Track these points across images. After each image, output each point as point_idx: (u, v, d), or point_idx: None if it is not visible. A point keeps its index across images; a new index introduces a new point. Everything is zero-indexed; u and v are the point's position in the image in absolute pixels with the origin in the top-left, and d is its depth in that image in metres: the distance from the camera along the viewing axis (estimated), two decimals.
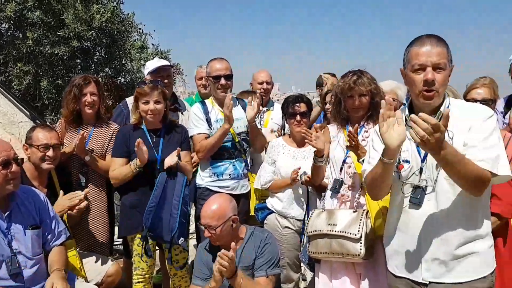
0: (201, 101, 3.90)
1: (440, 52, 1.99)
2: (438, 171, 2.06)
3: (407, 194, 2.14)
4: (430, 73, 1.98)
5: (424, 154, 2.11)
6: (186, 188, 3.24)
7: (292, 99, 3.58)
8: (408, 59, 2.08)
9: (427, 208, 2.09)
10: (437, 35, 2.06)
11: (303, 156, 3.54)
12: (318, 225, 2.94)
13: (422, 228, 2.10)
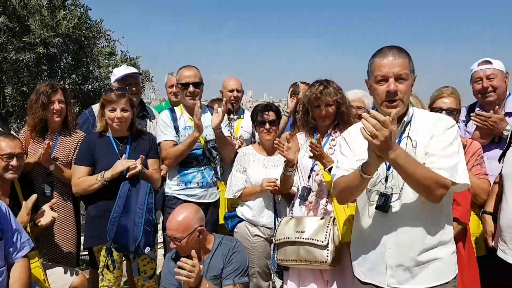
0: (170, 108, 3.87)
1: (401, 63, 2.04)
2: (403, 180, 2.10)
3: (373, 201, 2.18)
4: (392, 84, 2.02)
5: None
6: (150, 196, 3.19)
7: (261, 108, 3.60)
8: (371, 70, 2.12)
9: (392, 215, 2.13)
10: (398, 46, 2.11)
11: (273, 165, 3.56)
12: (286, 233, 2.96)
13: (387, 235, 2.14)
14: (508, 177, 2.59)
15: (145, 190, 3.19)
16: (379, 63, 2.07)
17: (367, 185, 2.15)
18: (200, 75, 3.68)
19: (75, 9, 6.85)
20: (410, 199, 2.10)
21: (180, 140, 3.56)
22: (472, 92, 3.46)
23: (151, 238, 3.20)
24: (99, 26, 7.28)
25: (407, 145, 2.11)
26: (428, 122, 2.15)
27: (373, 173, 2.02)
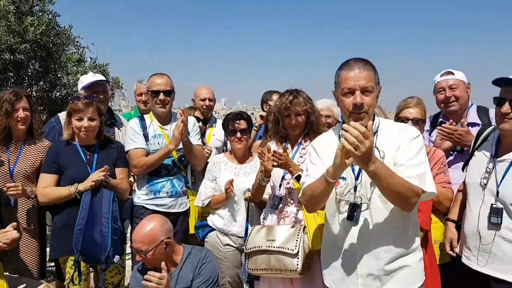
0: (139, 116, 3.82)
1: (367, 76, 2.08)
2: (372, 189, 2.15)
3: (343, 211, 2.21)
4: (359, 97, 2.06)
5: (358, 172, 2.19)
6: (114, 204, 3.13)
7: (232, 116, 3.60)
8: (338, 82, 2.15)
9: (362, 225, 2.16)
10: (364, 59, 2.14)
11: (245, 173, 3.56)
12: (257, 241, 2.95)
13: (357, 244, 2.17)
14: (471, 185, 2.66)
15: (108, 198, 3.12)
16: (346, 76, 2.10)
17: (337, 194, 2.19)
18: (172, 83, 3.64)
19: (43, 15, 6.73)
20: (379, 208, 2.14)
21: (150, 149, 3.52)
22: (436, 102, 3.55)
23: (119, 247, 3.14)
24: (68, 32, 7.17)
25: None
26: (393, 132, 2.20)
27: (337, 178, 2.05)
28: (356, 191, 2.18)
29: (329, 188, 2.10)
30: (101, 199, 3.11)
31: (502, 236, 2.45)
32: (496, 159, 2.54)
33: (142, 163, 3.45)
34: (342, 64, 2.17)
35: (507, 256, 2.44)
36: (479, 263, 2.55)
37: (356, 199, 2.17)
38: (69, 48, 7.45)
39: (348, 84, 2.08)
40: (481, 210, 2.54)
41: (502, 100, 2.42)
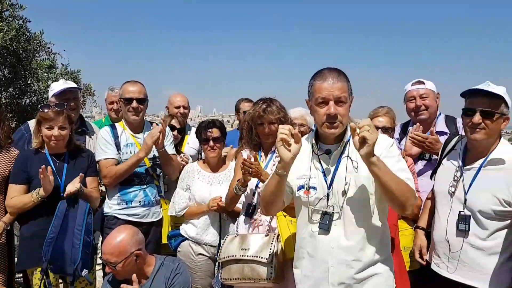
0: (111, 124, 3.75)
1: (341, 87, 2.10)
2: (344, 198, 2.17)
3: (315, 220, 2.23)
4: (333, 107, 2.09)
5: (330, 181, 2.21)
6: (89, 216, 3.08)
7: (205, 125, 3.58)
8: (312, 92, 2.17)
9: (334, 234, 2.19)
10: (337, 69, 2.17)
11: (218, 181, 3.54)
12: (231, 251, 2.94)
13: (329, 253, 2.19)
14: (440, 193, 2.72)
15: (83, 210, 3.07)
16: (320, 86, 2.12)
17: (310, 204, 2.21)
18: (145, 91, 3.60)
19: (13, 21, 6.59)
20: (350, 218, 2.17)
21: (122, 158, 3.46)
22: (406, 110, 3.64)
23: (89, 261, 3.07)
24: (39, 38, 7.04)
25: (348, 165, 2.18)
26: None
27: (286, 170, 2.09)
28: (328, 200, 2.20)
29: (281, 182, 2.13)
30: (76, 210, 3.05)
31: (470, 243, 2.51)
32: (463, 167, 2.61)
33: (113, 173, 3.39)
34: (316, 73, 2.18)
35: (474, 263, 2.50)
36: (448, 270, 2.60)
37: (328, 208, 2.19)
38: (40, 54, 7.31)
39: (322, 94, 2.10)
40: (449, 218, 2.59)
41: (471, 110, 2.49)
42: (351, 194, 2.16)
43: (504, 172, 2.45)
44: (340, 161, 2.21)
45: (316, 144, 2.28)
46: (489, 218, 2.47)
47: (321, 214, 2.21)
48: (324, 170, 2.24)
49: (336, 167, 2.21)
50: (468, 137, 2.56)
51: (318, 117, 2.16)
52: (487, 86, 2.45)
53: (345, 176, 2.16)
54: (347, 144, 2.21)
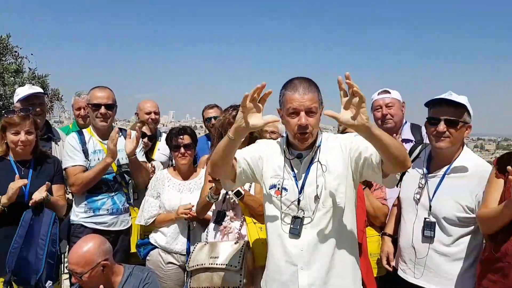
0: (78, 130, 3.68)
1: (311, 97, 2.12)
2: (317, 203, 2.20)
3: (286, 224, 2.25)
4: (304, 118, 2.11)
5: (301, 186, 2.24)
6: (54, 226, 3.00)
7: (176, 132, 3.54)
8: (283, 102, 2.19)
9: (304, 238, 2.20)
10: (308, 79, 2.19)
11: (189, 189, 3.51)
12: (200, 259, 2.91)
13: (298, 257, 2.21)
14: (405, 200, 2.77)
15: (49, 219, 2.99)
16: (291, 97, 2.13)
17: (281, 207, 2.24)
18: (114, 97, 3.55)
19: None
20: (321, 222, 2.20)
21: (90, 165, 3.39)
22: (373, 119, 3.71)
23: (53, 272, 2.99)
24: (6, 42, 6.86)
25: (318, 169, 2.22)
26: (333, 144, 2.29)
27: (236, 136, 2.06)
28: (300, 204, 2.22)
29: (229, 147, 2.11)
30: (41, 220, 2.97)
31: (435, 249, 2.57)
32: (428, 175, 2.67)
33: (80, 180, 3.32)
34: (287, 83, 2.21)
35: (439, 269, 2.56)
36: (414, 275, 2.65)
37: (298, 212, 2.22)
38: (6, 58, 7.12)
39: (293, 104, 2.12)
40: (415, 224, 2.65)
41: (435, 119, 2.55)
42: (322, 198, 2.20)
43: (467, 180, 2.53)
44: (311, 166, 2.25)
45: (288, 149, 2.31)
46: (453, 225, 2.53)
47: (292, 218, 2.23)
48: (295, 174, 2.27)
49: (307, 172, 2.25)
50: (433, 145, 2.63)
51: (289, 127, 2.19)
52: (450, 96, 2.53)
53: (316, 180, 2.21)
54: (318, 149, 2.26)
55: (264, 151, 2.39)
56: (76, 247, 2.70)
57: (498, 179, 2.35)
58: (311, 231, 2.20)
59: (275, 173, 2.31)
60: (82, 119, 4.51)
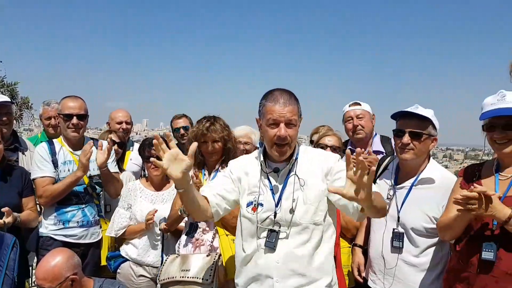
0: (48, 140, 3.60)
1: (291, 109, 2.15)
2: (291, 216, 2.20)
3: (262, 237, 2.24)
4: (283, 129, 2.14)
5: (278, 199, 2.24)
6: (13, 251, 2.86)
7: (149, 142, 3.51)
8: (263, 112, 2.21)
9: (279, 250, 2.21)
10: (288, 91, 2.22)
11: (162, 200, 3.47)
12: (171, 272, 2.88)
13: (273, 270, 2.21)
14: None
15: (7, 244, 2.85)
16: (271, 108, 2.15)
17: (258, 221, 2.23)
18: (86, 107, 3.49)
19: None
20: (297, 235, 2.20)
21: (60, 176, 3.32)
22: (345, 130, 3.82)
23: None
24: None
25: (295, 183, 2.23)
26: (314, 159, 2.29)
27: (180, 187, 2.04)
28: (276, 217, 2.22)
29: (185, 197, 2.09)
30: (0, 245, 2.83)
31: (404, 259, 2.61)
32: (396, 186, 2.73)
33: (49, 193, 3.25)
34: (268, 94, 2.22)
35: (408, 279, 2.60)
36: (384, 286, 2.68)
37: (275, 225, 2.22)
38: None
39: (273, 115, 2.14)
40: (384, 235, 2.69)
41: (401, 132, 2.62)
42: (299, 212, 2.19)
43: (433, 191, 2.59)
44: (288, 178, 2.25)
45: (265, 161, 2.31)
46: (420, 235, 2.59)
47: (268, 231, 2.23)
48: (272, 187, 2.27)
49: (284, 185, 2.25)
50: (399, 157, 2.70)
51: (268, 138, 2.20)
52: (416, 109, 2.60)
53: (293, 193, 2.20)
54: (295, 162, 2.26)
55: (239, 170, 2.38)
56: (43, 262, 2.64)
57: (462, 190, 2.43)
58: (287, 243, 2.20)
59: (251, 190, 2.31)
60: (53, 129, 4.41)
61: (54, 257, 2.65)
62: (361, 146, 3.62)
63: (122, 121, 4.48)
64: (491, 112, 2.28)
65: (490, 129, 2.30)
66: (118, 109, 4.64)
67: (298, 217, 2.19)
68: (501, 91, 2.31)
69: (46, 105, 4.51)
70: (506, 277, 2.14)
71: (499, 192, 2.25)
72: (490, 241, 2.21)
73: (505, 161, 2.33)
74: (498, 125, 2.25)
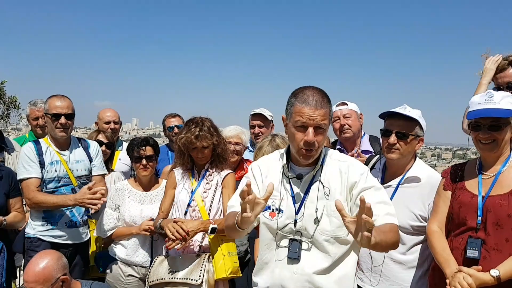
0: (34, 140, 3.55)
1: (323, 113, 1.98)
2: (316, 226, 2.07)
3: (282, 246, 2.11)
4: (312, 134, 1.97)
5: (299, 206, 2.11)
6: (0, 256, 2.86)
7: (138, 143, 3.48)
8: (291, 112, 2.05)
9: (301, 263, 2.08)
10: (321, 92, 2.04)
11: (150, 200, 3.46)
12: (160, 273, 2.88)
13: (290, 278, 2.09)
14: None
15: None
16: (301, 110, 1.99)
17: (278, 228, 2.11)
18: (73, 106, 3.44)
19: None
20: (320, 246, 2.08)
21: (46, 176, 3.29)
22: (333, 130, 3.83)
23: None
24: None
25: (319, 191, 2.09)
26: (340, 166, 2.12)
27: (245, 227, 1.97)
28: (296, 225, 2.08)
29: (240, 233, 2.05)
30: None
31: (391, 257, 2.63)
32: (383, 185, 2.75)
33: (38, 201, 3.21)
34: (298, 92, 2.05)
35: (395, 277, 2.62)
36: (371, 283, 2.70)
37: (296, 234, 2.08)
38: None
39: (303, 118, 1.97)
40: None
41: (388, 131, 2.65)
42: (322, 222, 2.06)
43: (419, 189, 2.62)
44: (311, 185, 2.10)
45: (287, 164, 2.16)
46: (407, 233, 2.61)
47: (289, 240, 2.09)
48: (294, 194, 2.12)
49: (307, 192, 2.11)
50: (385, 156, 2.72)
51: (295, 141, 2.04)
52: (403, 109, 2.62)
53: (317, 203, 2.06)
54: (320, 168, 2.12)
55: (259, 174, 2.23)
56: (33, 265, 2.60)
57: (445, 191, 2.47)
58: (309, 254, 2.07)
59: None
60: (41, 129, 4.36)
61: (43, 259, 2.62)
62: (349, 145, 3.66)
63: (110, 121, 4.45)
64: (477, 112, 2.32)
65: (475, 129, 2.34)
66: (106, 109, 4.61)
67: (322, 228, 2.06)
68: (489, 91, 2.35)
69: (33, 105, 4.46)
70: None
71: (482, 193, 2.29)
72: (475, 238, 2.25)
73: (488, 160, 2.37)
74: (484, 125, 2.29)
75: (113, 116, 4.50)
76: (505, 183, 2.28)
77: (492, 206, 2.24)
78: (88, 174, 3.50)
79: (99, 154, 3.60)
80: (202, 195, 3.07)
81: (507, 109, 2.26)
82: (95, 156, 3.55)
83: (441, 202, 2.46)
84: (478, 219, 2.26)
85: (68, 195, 3.25)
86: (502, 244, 2.21)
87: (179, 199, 3.12)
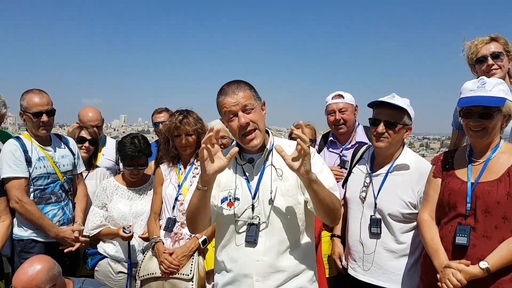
0: (16, 136, 3.40)
1: (243, 95, 2.09)
2: (270, 207, 2.13)
3: (241, 231, 2.16)
4: (242, 117, 2.07)
5: (255, 191, 2.16)
6: None
7: (132, 153, 3.35)
8: (220, 110, 2.16)
9: (260, 246, 2.13)
10: (236, 80, 2.17)
11: (139, 196, 3.43)
12: (150, 268, 2.86)
13: (254, 267, 2.12)
14: (351, 200, 2.83)
15: None
16: (223, 102, 2.11)
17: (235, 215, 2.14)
18: (51, 101, 3.31)
19: None
20: (277, 227, 2.13)
21: (35, 174, 3.19)
22: (327, 122, 3.79)
23: None
24: None
25: (272, 173, 2.15)
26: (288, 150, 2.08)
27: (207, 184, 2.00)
28: (254, 210, 2.14)
29: (204, 198, 2.04)
30: None
31: (383, 245, 2.63)
32: (372, 174, 2.75)
33: (26, 210, 3.15)
34: (219, 91, 2.17)
35: (387, 265, 2.63)
36: (363, 272, 2.70)
37: (254, 218, 2.14)
38: None
39: (228, 108, 2.09)
40: (362, 222, 2.70)
41: (377, 121, 2.64)
42: (277, 203, 2.12)
43: (408, 176, 2.62)
44: (264, 169, 2.18)
45: (239, 154, 2.23)
46: (397, 221, 2.61)
47: (247, 225, 2.14)
48: (247, 178, 2.19)
49: (261, 176, 2.17)
50: (374, 145, 2.71)
51: (233, 132, 2.14)
52: (392, 99, 2.61)
53: (271, 184, 2.13)
54: (270, 152, 2.20)
55: None
56: (23, 273, 2.50)
57: (435, 179, 2.47)
58: (266, 237, 2.12)
59: (225, 185, 2.21)
60: None
61: (33, 267, 2.52)
62: (344, 138, 3.67)
63: (93, 125, 4.18)
64: (469, 99, 2.30)
65: (466, 116, 2.32)
66: (87, 108, 4.43)
67: (277, 208, 2.12)
68: (482, 77, 2.33)
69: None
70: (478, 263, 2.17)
71: (471, 179, 2.29)
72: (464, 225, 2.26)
73: (478, 147, 2.37)
74: (475, 113, 2.27)
75: (95, 119, 4.27)
76: (494, 169, 2.28)
77: (481, 192, 2.24)
78: (73, 169, 3.45)
79: (77, 150, 3.58)
80: (189, 188, 3.04)
81: (499, 97, 2.24)
82: (76, 152, 3.51)
83: (431, 190, 2.46)
84: (467, 206, 2.26)
85: (55, 227, 3.23)
86: (491, 231, 2.21)
87: (167, 194, 3.11)
